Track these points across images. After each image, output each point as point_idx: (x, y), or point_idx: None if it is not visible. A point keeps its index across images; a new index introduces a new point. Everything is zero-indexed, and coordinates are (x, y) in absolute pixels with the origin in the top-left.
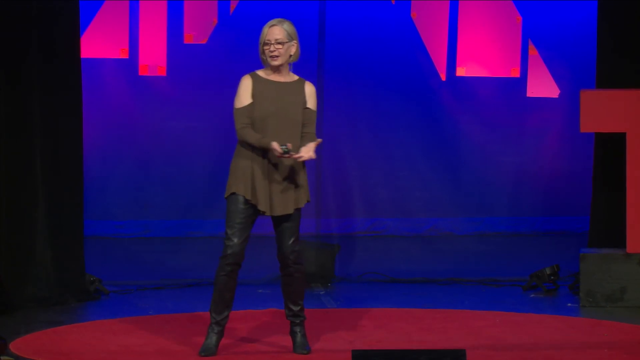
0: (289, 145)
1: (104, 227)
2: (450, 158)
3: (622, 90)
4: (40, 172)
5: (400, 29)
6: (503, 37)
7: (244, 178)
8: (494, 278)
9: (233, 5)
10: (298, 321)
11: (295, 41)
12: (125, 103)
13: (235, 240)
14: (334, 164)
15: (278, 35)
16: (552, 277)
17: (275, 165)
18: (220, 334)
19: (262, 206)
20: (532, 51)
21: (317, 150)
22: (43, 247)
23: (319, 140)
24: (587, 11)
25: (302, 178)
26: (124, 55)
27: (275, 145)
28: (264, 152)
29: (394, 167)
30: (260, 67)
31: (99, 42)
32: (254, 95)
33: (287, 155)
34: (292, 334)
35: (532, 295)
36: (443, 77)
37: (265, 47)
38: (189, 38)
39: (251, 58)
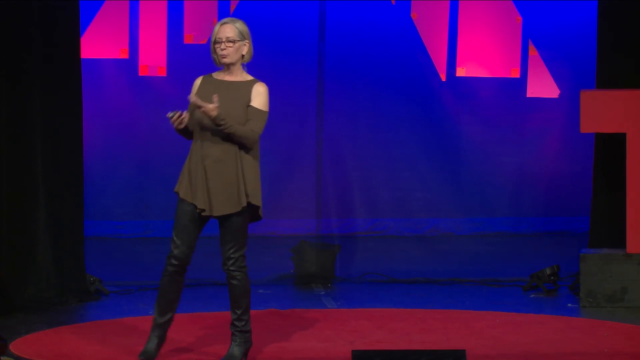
0: (178, 113)
1: (104, 228)
2: (450, 158)
3: (622, 90)
4: (41, 172)
5: (400, 30)
6: (503, 37)
7: (185, 178)
8: (494, 278)
9: (233, 6)
10: (233, 330)
11: (247, 41)
12: (125, 103)
13: (179, 242)
14: (335, 164)
15: (229, 34)
16: (552, 278)
17: (217, 165)
18: (161, 339)
19: (200, 204)
20: (532, 51)
21: (318, 150)
22: (43, 247)
23: (212, 106)
24: (587, 11)
25: (249, 179)
26: (124, 55)
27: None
28: (201, 150)
29: (395, 168)
30: (264, 69)
31: (99, 43)
32: (199, 95)
33: (175, 117)
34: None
35: (532, 296)
36: (443, 78)
37: (216, 46)
38: (189, 38)
39: (251, 58)
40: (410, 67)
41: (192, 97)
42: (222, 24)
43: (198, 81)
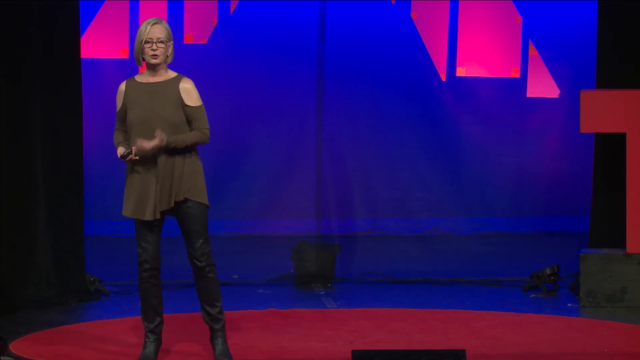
0: (132, 149)
1: (104, 228)
2: (450, 158)
3: (622, 90)
4: (41, 172)
5: (400, 30)
6: (503, 37)
7: (127, 195)
8: (494, 278)
9: (233, 6)
10: (218, 326)
11: (171, 42)
12: None
13: (145, 245)
14: (335, 164)
15: (160, 34)
16: (552, 278)
17: (153, 167)
18: (158, 342)
19: (148, 216)
20: (532, 51)
21: (318, 149)
22: (43, 247)
23: (156, 140)
24: (587, 11)
25: (188, 171)
26: (124, 55)
27: (119, 150)
28: (143, 165)
29: (395, 168)
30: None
31: (99, 43)
32: (127, 102)
33: (128, 158)
34: (213, 340)
35: (532, 296)
36: (443, 77)
37: (146, 45)
38: (189, 38)
39: (251, 58)
40: (410, 67)
41: (138, 147)
42: (152, 24)
43: (122, 87)
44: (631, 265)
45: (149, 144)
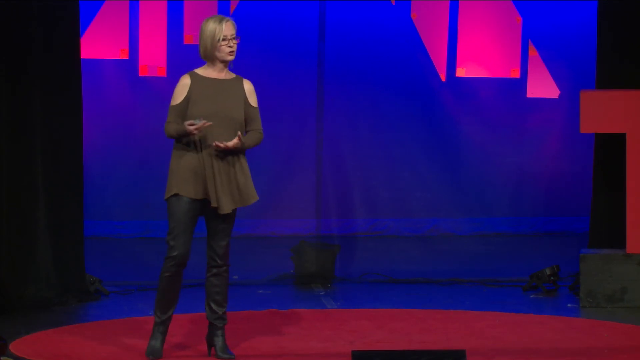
0: (201, 119)
1: (104, 228)
2: (450, 158)
3: (622, 90)
4: (41, 172)
5: (400, 30)
6: (503, 37)
7: (188, 178)
8: (494, 278)
9: (233, 6)
10: (221, 325)
11: None
12: (125, 104)
13: (181, 241)
14: (335, 164)
15: (234, 31)
16: (552, 278)
17: (218, 164)
18: (165, 334)
19: (213, 202)
20: (532, 52)
21: (317, 150)
22: (43, 247)
23: (237, 139)
24: (587, 12)
25: (247, 175)
26: (124, 55)
27: (187, 124)
28: (204, 150)
29: (395, 168)
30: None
31: (99, 43)
32: (193, 95)
33: (199, 125)
34: (213, 337)
35: (532, 296)
36: (443, 78)
37: (223, 42)
38: (189, 38)
39: (250, 58)
40: (410, 68)
41: (216, 146)
42: (226, 21)
43: (187, 80)
44: (631, 266)
45: (230, 143)
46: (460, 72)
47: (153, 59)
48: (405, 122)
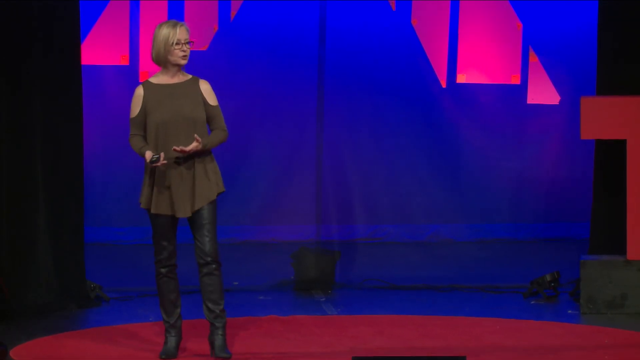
0: (161, 155)
1: (104, 234)
2: (450, 164)
3: (622, 97)
4: (41, 177)
5: (400, 36)
6: (503, 43)
7: (149, 193)
8: (494, 285)
9: (234, 12)
10: (220, 324)
11: None
12: (126, 110)
13: (163, 243)
14: (335, 170)
15: (187, 36)
16: (552, 284)
17: (179, 171)
18: (179, 336)
19: (173, 211)
20: (533, 58)
21: (318, 155)
22: (44, 253)
23: (195, 142)
24: (587, 18)
25: (211, 171)
26: (124, 62)
27: (147, 155)
28: (167, 158)
29: (395, 174)
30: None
31: (99, 49)
32: (148, 104)
33: (157, 163)
34: (213, 336)
35: (532, 302)
36: (443, 84)
37: (177, 47)
38: None
39: (251, 64)
40: (411, 74)
41: (180, 151)
42: (180, 26)
43: (140, 91)
44: (631, 272)
45: (188, 148)
46: (461, 78)
47: (153, 65)
48: (405, 128)
